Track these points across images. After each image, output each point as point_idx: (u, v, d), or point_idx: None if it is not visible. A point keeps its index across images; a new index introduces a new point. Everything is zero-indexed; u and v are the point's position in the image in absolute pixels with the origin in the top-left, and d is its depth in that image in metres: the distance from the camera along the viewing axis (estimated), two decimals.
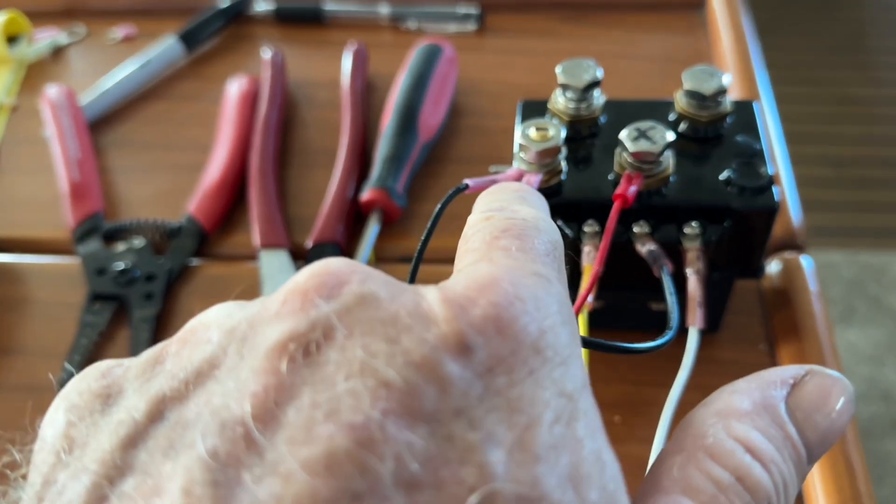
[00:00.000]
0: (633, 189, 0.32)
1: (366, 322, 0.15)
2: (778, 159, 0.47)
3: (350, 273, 0.16)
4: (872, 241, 1.31)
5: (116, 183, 0.50)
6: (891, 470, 1.08)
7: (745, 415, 0.19)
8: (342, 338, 0.15)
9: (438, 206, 0.32)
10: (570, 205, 0.34)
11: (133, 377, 0.16)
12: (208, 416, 0.14)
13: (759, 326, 0.41)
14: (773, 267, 0.43)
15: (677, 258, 0.34)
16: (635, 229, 0.34)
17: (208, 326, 0.17)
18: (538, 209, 0.21)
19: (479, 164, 0.50)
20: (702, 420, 0.19)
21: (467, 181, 0.33)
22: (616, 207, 0.32)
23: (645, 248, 0.33)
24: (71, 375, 0.45)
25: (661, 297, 0.37)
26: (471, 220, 0.21)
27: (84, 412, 0.16)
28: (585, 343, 0.26)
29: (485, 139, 0.51)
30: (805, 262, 0.42)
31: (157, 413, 0.15)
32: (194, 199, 0.47)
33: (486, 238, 0.19)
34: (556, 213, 0.34)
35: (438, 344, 0.14)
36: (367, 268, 0.17)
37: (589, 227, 0.34)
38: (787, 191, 0.45)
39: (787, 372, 0.20)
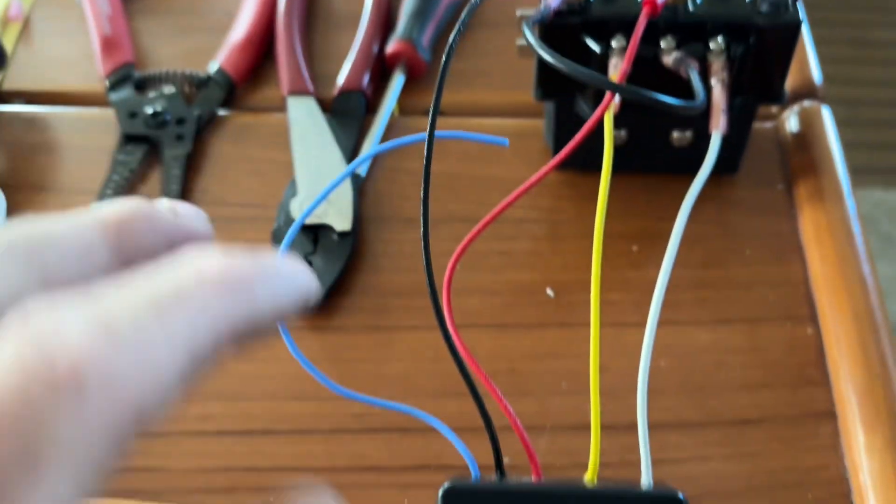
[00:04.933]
0: None
1: None
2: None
3: None
4: (886, 179, 1.31)
5: (146, 44, 0.51)
6: None
7: None
8: None
9: (467, 8, 0.33)
10: (598, 22, 0.35)
11: None
12: None
13: (777, 169, 0.42)
14: (792, 117, 0.43)
15: (702, 77, 0.34)
16: (662, 44, 0.34)
17: None
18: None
19: (506, 27, 0.50)
20: None
21: None
22: (644, 13, 0.33)
23: (671, 57, 0.33)
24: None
25: (683, 124, 0.38)
26: None
27: None
28: (627, 91, 0.27)
29: None
30: (825, 109, 0.43)
31: None
32: (223, 53, 0.48)
33: None
34: (584, 30, 0.35)
35: None
36: None
37: (616, 43, 0.34)
38: (809, 49, 0.46)
39: None
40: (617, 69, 0.34)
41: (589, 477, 0.27)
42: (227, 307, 0.15)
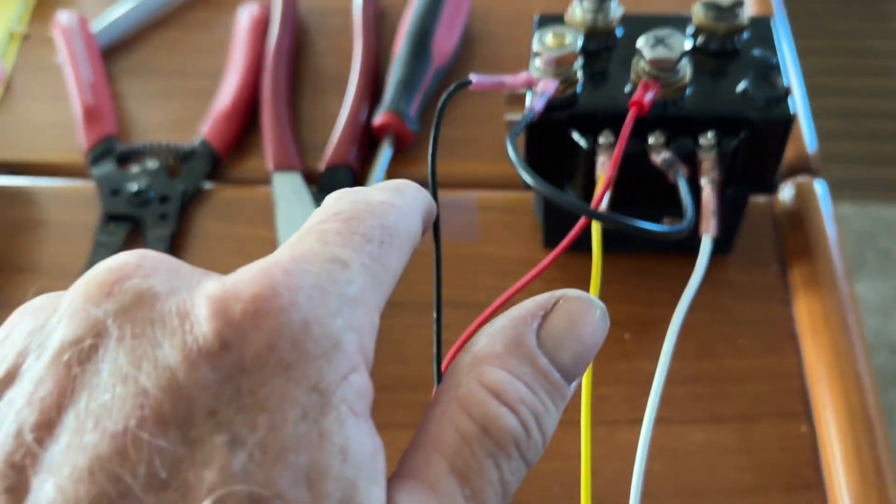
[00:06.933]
0: (649, 96, 0.32)
1: (138, 323, 0.15)
2: (794, 82, 0.46)
3: (136, 267, 0.16)
4: (884, 195, 1.30)
5: (129, 108, 0.50)
6: None
7: (496, 357, 0.18)
8: (114, 342, 0.15)
9: (441, 100, 0.32)
10: (585, 116, 0.34)
11: None
12: (6, 421, 0.15)
13: (771, 249, 0.41)
14: (786, 192, 0.43)
15: (692, 171, 0.34)
16: (651, 140, 0.33)
17: (20, 320, 0.17)
18: (394, 198, 0.20)
19: (495, 94, 0.50)
20: (459, 367, 0.18)
21: (472, 76, 0.33)
22: (632, 114, 0.32)
23: (660, 156, 0.33)
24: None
25: (675, 211, 0.37)
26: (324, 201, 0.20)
27: None
28: (607, 219, 0.27)
29: (498, 66, 0.51)
30: (819, 185, 0.42)
31: None
32: (207, 123, 0.47)
33: (314, 221, 0.18)
34: (571, 124, 0.34)
35: (194, 346, 0.15)
36: (160, 258, 0.17)
37: (604, 139, 0.34)
38: (802, 119, 0.45)
39: (538, 301, 0.19)
40: (604, 167, 0.33)
41: None
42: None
